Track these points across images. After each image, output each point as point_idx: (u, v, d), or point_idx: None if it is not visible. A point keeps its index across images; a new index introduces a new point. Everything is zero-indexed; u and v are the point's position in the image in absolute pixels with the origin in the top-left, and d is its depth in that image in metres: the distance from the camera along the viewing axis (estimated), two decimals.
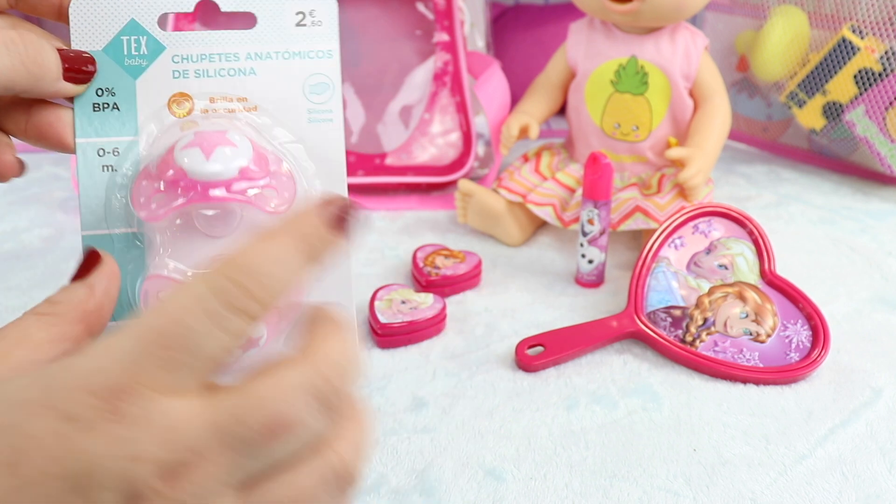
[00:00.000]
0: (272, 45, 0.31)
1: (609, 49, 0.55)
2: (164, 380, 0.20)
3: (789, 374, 0.41)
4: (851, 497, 0.34)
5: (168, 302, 0.21)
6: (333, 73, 0.31)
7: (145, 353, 0.20)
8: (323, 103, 0.31)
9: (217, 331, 0.21)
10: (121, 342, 0.20)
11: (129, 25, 0.30)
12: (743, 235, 0.49)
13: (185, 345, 0.21)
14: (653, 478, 0.35)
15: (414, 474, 0.36)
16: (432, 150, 0.66)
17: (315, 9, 0.31)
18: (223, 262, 0.22)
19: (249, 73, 0.31)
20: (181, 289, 0.22)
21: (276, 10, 0.31)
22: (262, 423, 0.20)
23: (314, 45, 0.31)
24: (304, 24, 0.31)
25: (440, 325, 0.46)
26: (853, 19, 0.62)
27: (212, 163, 0.28)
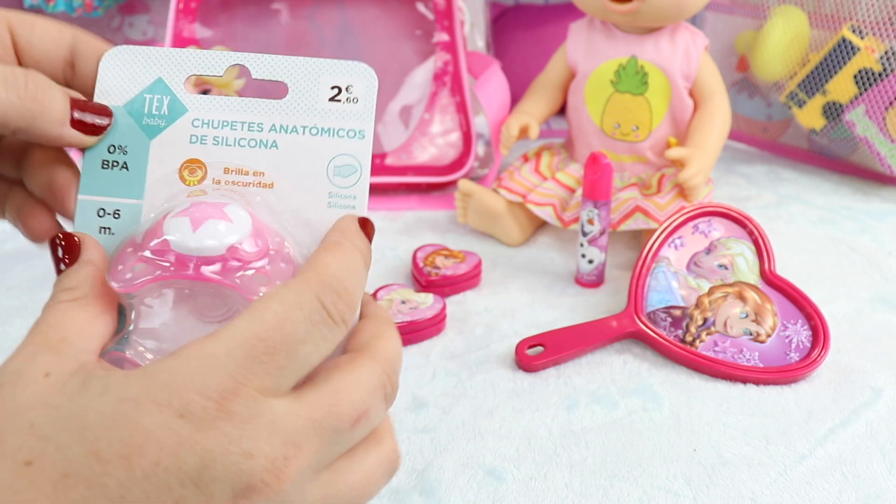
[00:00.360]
0: (301, 118, 0.29)
1: (609, 49, 0.55)
2: (268, 383, 0.22)
3: (789, 374, 0.41)
4: (851, 497, 0.34)
5: (269, 309, 0.23)
6: (363, 155, 0.29)
7: (252, 359, 0.22)
8: (347, 188, 0.29)
9: (320, 340, 0.23)
10: (224, 347, 0.22)
11: (156, 84, 0.29)
12: (743, 235, 0.49)
13: (290, 353, 0.22)
14: (653, 478, 0.35)
15: (414, 474, 0.36)
16: (432, 150, 0.66)
17: (352, 84, 0.29)
18: (314, 274, 0.24)
19: (271, 147, 0.29)
20: (281, 296, 0.23)
21: (309, 82, 0.29)
22: (351, 415, 0.23)
23: (346, 123, 0.29)
24: (338, 100, 0.29)
25: (440, 325, 0.46)
26: (853, 19, 0.62)
27: (197, 236, 0.25)
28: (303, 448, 0.22)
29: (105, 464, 0.20)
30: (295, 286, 0.24)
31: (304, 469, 0.22)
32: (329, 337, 0.24)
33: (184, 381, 0.21)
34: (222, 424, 0.21)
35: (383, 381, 0.25)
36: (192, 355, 0.22)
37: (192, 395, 0.21)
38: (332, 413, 0.23)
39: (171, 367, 0.22)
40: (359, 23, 0.68)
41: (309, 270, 0.24)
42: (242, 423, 0.21)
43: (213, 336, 0.22)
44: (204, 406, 0.21)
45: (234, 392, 0.21)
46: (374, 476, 0.25)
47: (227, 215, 0.26)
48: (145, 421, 0.20)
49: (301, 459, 0.22)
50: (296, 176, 0.28)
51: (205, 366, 0.21)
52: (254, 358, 0.22)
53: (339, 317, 0.24)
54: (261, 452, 0.21)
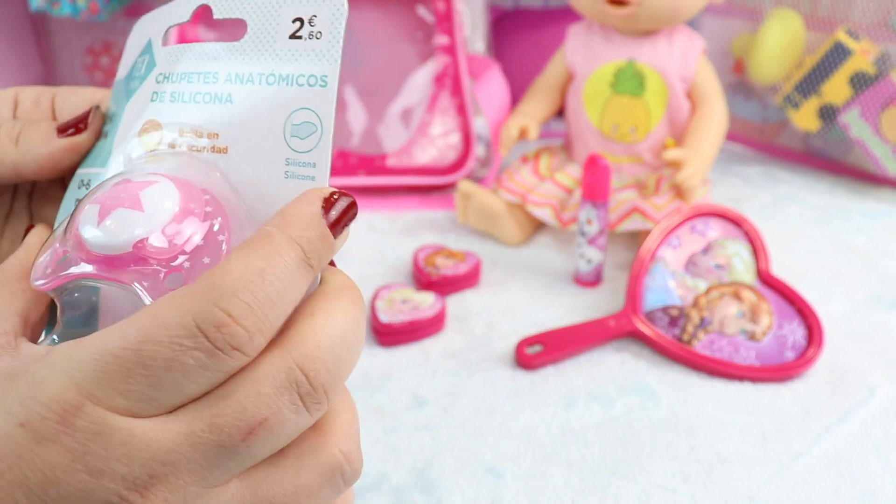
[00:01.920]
0: (256, 63, 0.24)
1: (607, 52, 0.56)
2: (121, 403, 0.19)
3: (785, 372, 0.42)
4: (847, 494, 0.35)
5: (134, 323, 0.19)
6: (325, 110, 0.23)
7: (101, 375, 0.19)
8: (306, 152, 0.23)
9: (195, 369, 0.19)
10: (80, 357, 0.19)
11: (146, 46, 0.27)
12: (739, 236, 0.49)
13: (149, 378, 0.19)
14: (651, 475, 0.36)
15: (414, 472, 0.36)
16: (432, 152, 0.66)
17: (316, 14, 0.24)
18: (203, 284, 0.19)
19: (226, 101, 0.24)
20: (154, 310, 0.19)
21: (269, 16, 0.24)
22: (240, 427, 0.19)
23: (306, 66, 0.24)
24: (299, 36, 0.24)
25: (440, 325, 0.47)
26: (848, 22, 0.63)
27: (99, 229, 0.21)
28: (179, 467, 0.19)
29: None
30: (176, 299, 0.19)
31: (190, 486, 0.19)
32: (211, 365, 0.19)
33: (31, 386, 0.19)
34: (65, 440, 0.19)
35: (293, 379, 0.20)
36: (50, 359, 0.20)
37: (33, 403, 0.19)
38: (213, 426, 0.19)
39: (30, 369, 0.20)
40: (360, 25, 0.69)
41: (203, 277, 0.20)
42: (87, 440, 0.19)
43: (79, 342, 0.20)
44: (43, 416, 0.19)
45: (76, 406, 0.19)
46: (311, 486, 0.21)
47: (141, 202, 0.22)
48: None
49: (178, 478, 0.19)
50: (250, 138, 0.24)
51: (55, 374, 0.19)
52: (103, 374, 0.19)
53: (225, 343, 0.19)
54: (113, 472, 0.19)
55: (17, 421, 0.19)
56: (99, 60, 0.88)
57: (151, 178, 0.22)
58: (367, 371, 0.43)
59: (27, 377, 0.19)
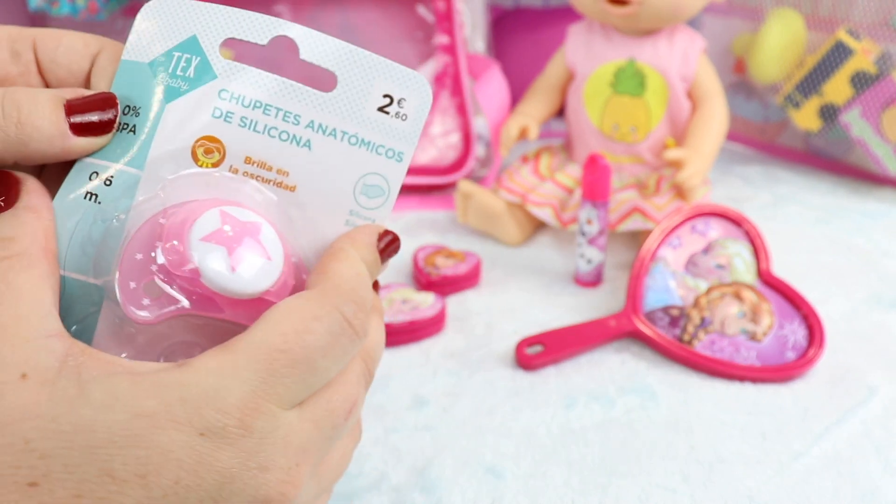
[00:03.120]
0: (343, 121, 0.25)
1: (607, 51, 0.56)
2: (286, 397, 0.22)
3: (786, 372, 0.42)
4: (847, 494, 0.35)
5: (288, 320, 0.22)
6: (395, 179, 0.26)
7: (272, 373, 0.21)
8: (370, 209, 0.26)
9: (339, 353, 0.23)
10: (244, 360, 0.21)
11: (188, 42, 0.24)
12: (740, 236, 0.49)
13: (310, 365, 0.22)
14: (651, 475, 0.36)
15: (415, 472, 0.36)
16: (433, 152, 0.66)
17: (405, 98, 0.26)
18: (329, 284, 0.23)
19: (303, 146, 0.25)
20: (299, 307, 0.22)
21: (362, 81, 0.25)
22: (345, 408, 0.24)
23: (389, 140, 0.26)
24: (386, 112, 0.26)
25: (440, 325, 0.47)
26: (849, 22, 0.63)
27: (238, 277, 0.23)
28: (309, 451, 0.22)
29: (121, 483, 0.19)
30: (313, 297, 0.23)
31: (309, 470, 0.22)
32: (349, 350, 0.23)
33: (203, 396, 0.20)
34: (242, 442, 0.21)
35: (364, 371, 0.25)
36: (209, 368, 0.21)
37: (213, 412, 0.20)
38: (329, 411, 0.23)
39: (187, 380, 0.21)
40: (360, 25, 0.69)
41: (322, 280, 0.23)
42: (261, 438, 0.21)
43: (228, 348, 0.21)
44: (225, 424, 0.20)
45: (255, 409, 0.21)
46: (348, 450, 0.26)
47: (266, 248, 0.23)
48: (163, 439, 0.20)
49: (308, 463, 0.22)
50: (321, 184, 0.25)
51: (225, 381, 0.21)
52: (274, 371, 0.21)
53: (361, 328, 0.23)
54: (276, 465, 0.21)
55: (196, 431, 0.20)
56: None
57: (254, 218, 0.24)
58: None
59: (194, 388, 0.20)
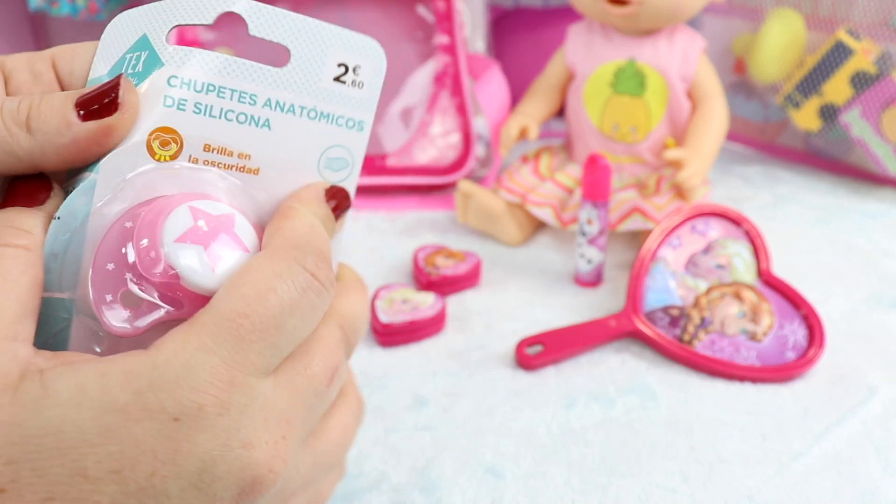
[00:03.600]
0: (300, 96, 0.25)
1: (607, 51, 0.56)
2: (259, 363, 0.20)
3: (786, 372, 0.42)
4: (847, 494, 0.35)
5: (246, 283, 0.20)
6: (358, 149, 0.26)
7: (240, 340, 0.20)
8: (337, 182, 0.26)
9: (308, 308, 0.21)
10: (209, 333, 0.20)
11: (139, 41, 0.24)
12: (740, 236, 0.49)
13: (279, 326, 0.20)
14: (651, 475, 0.36)
15: (415, 472, 0.36)
16: (432, 152, 0.66)
17: (360, 65, 0.25)
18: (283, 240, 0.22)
19: (263, 125, 0.24)
20: (257, 266, 0.21)
21: (315, 52, 0.25)
22: (326, 374, 0.23)
23: (347, 110, 0.25)
24: (342, 81, 0.25)
25: (440, 325, 0.47)
26: (849, 22, 0.63)
27: (218, 275, 0.21)
28: (292, 422, 0.21)
29: (95, 481, 0.18)
30: (269, 255, 0.21)
31: (296, 442, 0.21)
32: (318, 304, 0.22)
33: (174, 378, 0.19)
34: (221, 420, 0.19)
35: (343, 337, 0.24)
36: (176, 347, 0.19)
37: (186, 393, 0.19)
38: (308, 377, 0.22)
39: (155, 362, 0.19)
40: (359, 25, 0.69)
41: (276, 238, 0.22)
42: (240, 413, 0.20)
43: (192, 322, 0.20)
44: (200, 403, 0.19)
45: (229, 381, 0.19)
46: (350, 426, 0.25)
47: (242, 240, 0.22)
48: (136, 431, 0.18)
49: (293, 434, 0.21)
50: (284, 164, 0.25)
51: (193, 357, 0.19)
52: (242, 338, 0.20)
53: (326, 279, 0.22)
54: (260, 440, 0.20)
55: (169, 417, 0.19)
56: None
57: (225, 210, 0.23)
58: (367, 371, 0.43)
59: (163, 370, 0.19)
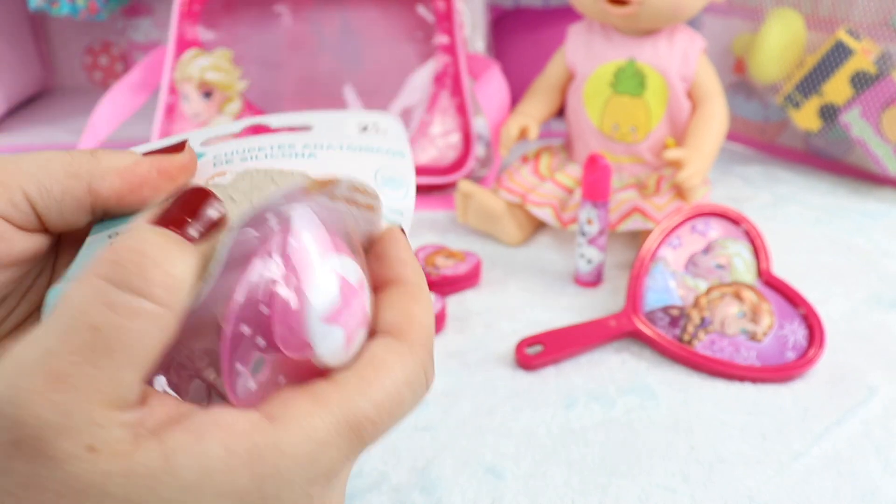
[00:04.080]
0: (333, 140, 0.25)
1: (607, 51, 0.56)
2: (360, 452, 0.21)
3: (786, 372, 0.42)
4: (847, 494, 0.35)
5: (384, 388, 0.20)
6: (408, 173, 0.25)
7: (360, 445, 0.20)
8: (398, 200, 0.25)
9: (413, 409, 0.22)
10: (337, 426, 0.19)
11: None
12: (740, 235, 0.49)
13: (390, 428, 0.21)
14: (651, 475, 0.36)
15: (415, 472, 0.36)
16: (433, 152, 0.66)
17: (378, 122, 0.26)
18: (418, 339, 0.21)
19: (309, 157, 0.25)
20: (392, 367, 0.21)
21: (337, 122, 0.26)
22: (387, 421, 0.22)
23: (382, 144, 0.26)
24: (367, 132, 0.26)
25: (440, 325, 0.47)
26: (849, 22, 0.63)
27: (348, 353, 0.20)
28: None
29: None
30: (404, 353, 0.21)
31: None
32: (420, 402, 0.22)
33: (297, 467, 0.18)
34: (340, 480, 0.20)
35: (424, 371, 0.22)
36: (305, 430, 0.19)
37: (303, 487, 0.19)
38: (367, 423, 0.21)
39: (284, 445, 0.18)
40: (359, 25, 0.69)
41: (408, 329, 0.21)
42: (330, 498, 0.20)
43: (320, 400, 0.19)
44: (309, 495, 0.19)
45: (334, 477, 0.20)
46: None
47: (369, 317, 0.21)
48: None
49: None
50: None
51: (319, 452, 0.19)
52: (361, 441, 0.20)
53: (430, 385, 0.22)
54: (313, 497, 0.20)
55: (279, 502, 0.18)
56: (98, 60, 0.88)
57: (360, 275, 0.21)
58: None
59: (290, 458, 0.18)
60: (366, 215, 0.22)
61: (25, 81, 0.82)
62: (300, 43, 0.69)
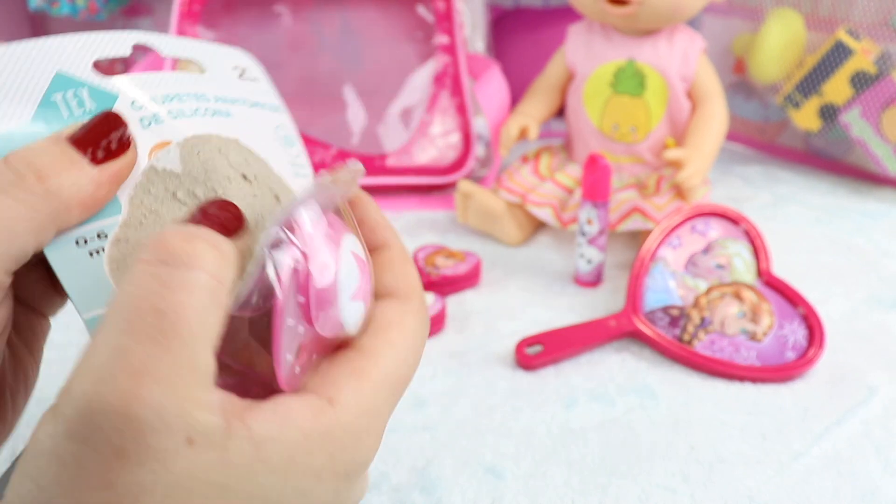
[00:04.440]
0: (229, 91, 0.26)
1: (607, 51, 0.56)
2: None
3: (786, 372, 0.42)
4: (847, 494, 0.35)
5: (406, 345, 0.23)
6: (291, 127, 0.28)
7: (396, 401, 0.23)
8: (297, 156, 0.27)
9: None
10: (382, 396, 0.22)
11: (56, 80, 0.22)
12: (740, 236, 0.49)
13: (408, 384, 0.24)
14: (650, 475, 0.36)
15: (414, 472, 0.36)
16: (432, 152, 0.66)
17: (247, 68, 0.27)
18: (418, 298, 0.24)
19: (225, 115, 0.25)
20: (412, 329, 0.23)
21: (216, 61, 0.27)
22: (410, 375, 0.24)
23: (264, 98, 0.27)
24: (244, 78, 0.27)
25: (440, 325, 0.47)
26: (848, 22, 0.63)
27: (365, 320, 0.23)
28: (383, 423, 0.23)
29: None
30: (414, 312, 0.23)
31: None
32: None
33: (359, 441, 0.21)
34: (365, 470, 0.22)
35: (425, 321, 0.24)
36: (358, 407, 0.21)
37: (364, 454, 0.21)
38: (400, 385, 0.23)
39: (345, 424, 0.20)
40: (359, 25, 0.69)
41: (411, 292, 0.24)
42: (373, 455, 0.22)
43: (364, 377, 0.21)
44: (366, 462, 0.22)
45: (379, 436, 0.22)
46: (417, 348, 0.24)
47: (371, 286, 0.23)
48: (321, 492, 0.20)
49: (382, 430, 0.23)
50: (263, 147, 0.25)
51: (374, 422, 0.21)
52: (397, 399, 0.22)
53: None
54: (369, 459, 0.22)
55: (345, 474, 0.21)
56: None
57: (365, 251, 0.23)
58: None
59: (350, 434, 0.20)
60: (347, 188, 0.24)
61: None
62: (300, 43, 0.69)
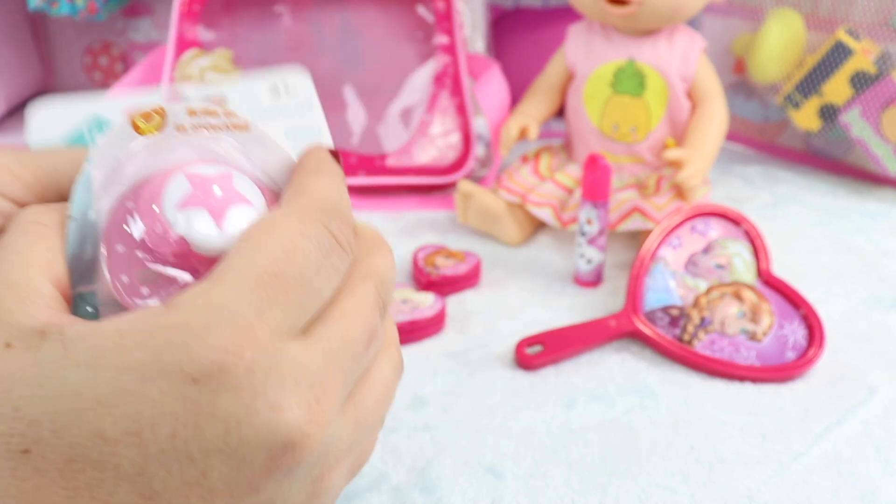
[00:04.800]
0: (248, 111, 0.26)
1: (607, 51, 0.56)
2: (285, 324, 0.20)
3: (786, 372, 0.42)
4: (847, 494, 0.35)
5: (274, 241, 0.20)
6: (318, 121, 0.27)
7: (267, 299, 0.19)
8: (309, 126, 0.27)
9: (331, 271, 0.21)
10: (234, 290, 0.19)
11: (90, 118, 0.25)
12: (740, 235, 0.49)
13: (305, 286, 0.20)
14: (651, 475, 0.36)
15: (414, 472, 0.36)
16: (432, 152, 0.66)
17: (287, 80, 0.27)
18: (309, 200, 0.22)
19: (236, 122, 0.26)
20: (284, 225, 0.21)
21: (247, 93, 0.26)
22: (364, 337, 0.22)
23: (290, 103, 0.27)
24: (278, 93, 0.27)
25: (440, 325, 0.47)
26: (848, 22, 0.63)
27: (227, 234, 0.22)
28: (327, 386, 0.20)
29: (113, 444, 0.18)
30: (294, 213, 0.21)
31: (334, 407, 0.21)
32: (339, 266, 0.22)
33: (193, 337, 0.18)
34: (244, 381, 0.18)
35: (378, 300, 0.23)
36: (197, 305, 0.19)
37: (206, 353, 0.18)
38: (345, 340, 0.21)
39: (174, 321, 0.19)
40: (359, 25, 0.69)
41: (302, 196, 0.22)
42: (265, 375, 0.19)
43: (215, 279, 0.19)
44: (222, 365, 0.18)
45: (252, 342, 0.19)
46: (390, 383, 0.24)
47: (243, 194, 0.22)
48: (153, 392, 0.18)
49: (329, 398, 0.20)
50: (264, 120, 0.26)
51: (215, 315, 0.19)
52: (269, 298, 0.19)
53: (347, 243, 0.22)
54: (290, 403, 0.19)
55: (188, 378, 0.18)
56: (98, 60, 0.88)
57: (222, 170, 0.23)
58: None
59: (183, 329, 0.18)
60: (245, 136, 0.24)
61: (25, 81, 0.82)
62: (300, 43, 0.69)
